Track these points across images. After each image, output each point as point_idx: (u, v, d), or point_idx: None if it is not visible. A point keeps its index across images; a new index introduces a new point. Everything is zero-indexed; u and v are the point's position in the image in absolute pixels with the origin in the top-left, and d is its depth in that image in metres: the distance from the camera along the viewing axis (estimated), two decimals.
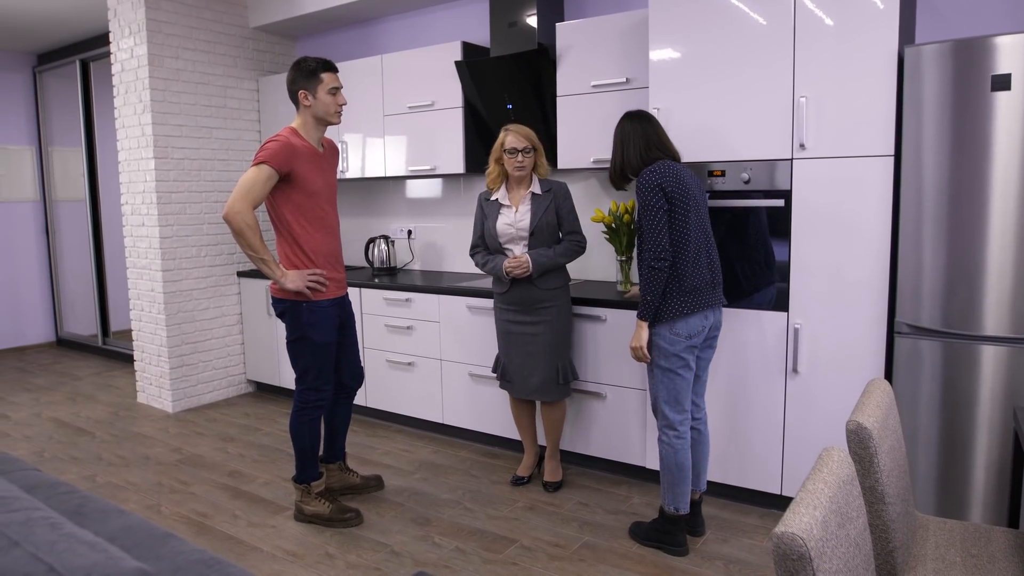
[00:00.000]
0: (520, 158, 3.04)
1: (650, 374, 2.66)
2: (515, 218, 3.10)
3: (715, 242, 2.71)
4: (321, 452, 3.20)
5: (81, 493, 1.64)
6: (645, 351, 2.59)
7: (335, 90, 2.86)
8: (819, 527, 1.10)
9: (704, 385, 2.79)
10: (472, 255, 3.26)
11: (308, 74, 2.81)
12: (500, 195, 3.14)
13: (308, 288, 2.83)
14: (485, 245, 3.21)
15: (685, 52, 2.97)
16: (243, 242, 2.74)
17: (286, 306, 2.89)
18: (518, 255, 3.08)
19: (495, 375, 3.34)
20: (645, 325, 2.57)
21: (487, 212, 3.17)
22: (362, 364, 3.27)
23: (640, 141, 2.62)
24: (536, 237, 3.07)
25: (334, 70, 2.88)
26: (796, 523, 1.07)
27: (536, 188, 3.11)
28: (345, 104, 2.93)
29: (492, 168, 3.14)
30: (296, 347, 2.93)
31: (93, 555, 1.01)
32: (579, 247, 3.15)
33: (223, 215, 2.72)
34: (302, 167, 2.79)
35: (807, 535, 1.06)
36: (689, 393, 2.64)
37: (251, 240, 2.72)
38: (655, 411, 2.68)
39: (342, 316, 3.05)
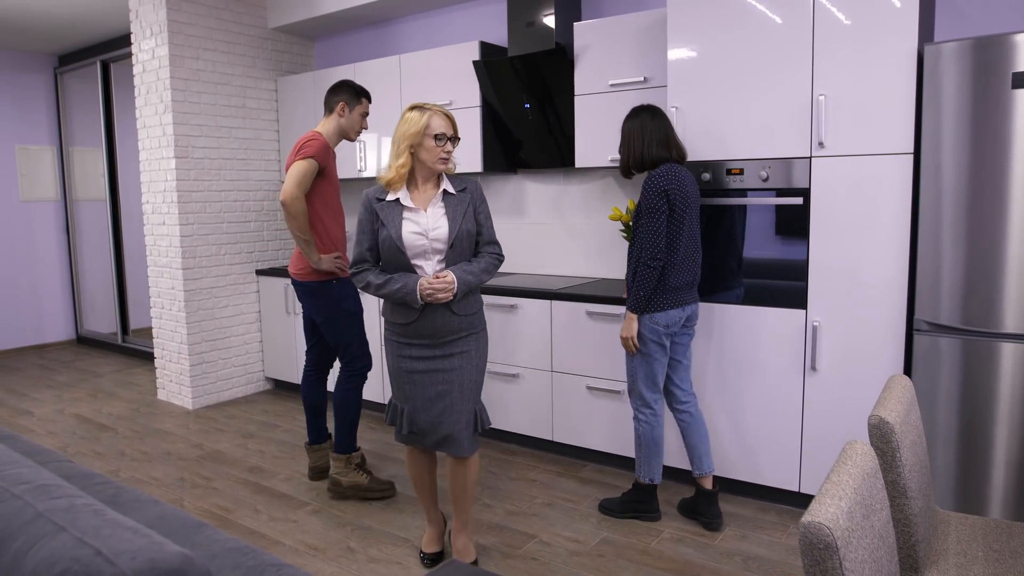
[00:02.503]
0: (449, 147, 2.41)
1: (629, 358, 2.85)
2: (427, 225, 2.39)
3: (701, 244, 2.86)
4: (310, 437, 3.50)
5: (115, 484, 1.68)
6: (636, 341, 2.77)
7: (365, 116, 3.28)
8: (845, 517, 1.11)
9: (688, 371, 2.93)
10: (354, 275, 2.48)
11: (355, 93, 3.22)
12: (401, 195, 2.42)
13: (336, 268, 3.19)
14: (374, 260, 2.47)
15: (703, 51, 2.98)
16: (296, 224, 3.04)
17: (316, 286, 3.18)
18: (439, 273, 2.38)
19: (391, 425, 2.57)
20: (635, 317, 2.76)
21: (385, 217, 2.40)
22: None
23: (662, 137, 2.75)
24: (455, 249, 2.41)
25: (370, 102, 3.32)
26: (823, 513, 1.08)
27: (448, 186, 2.46)
28: (367, 129, 3.37)
29: (404, 160, 2.38)
30: (335, 322, 3.22)
31: (138, 540, 1.05)
32: (500, 261, 2.54)
33: (281, 200, 3.03)
34: (331, 163, 3.20)
35: (834, 525, 1.07)
36: (663, 374, 2.85)
37: (302, 223, 3.05)
38: (631, 392, 2.88)
39: None
